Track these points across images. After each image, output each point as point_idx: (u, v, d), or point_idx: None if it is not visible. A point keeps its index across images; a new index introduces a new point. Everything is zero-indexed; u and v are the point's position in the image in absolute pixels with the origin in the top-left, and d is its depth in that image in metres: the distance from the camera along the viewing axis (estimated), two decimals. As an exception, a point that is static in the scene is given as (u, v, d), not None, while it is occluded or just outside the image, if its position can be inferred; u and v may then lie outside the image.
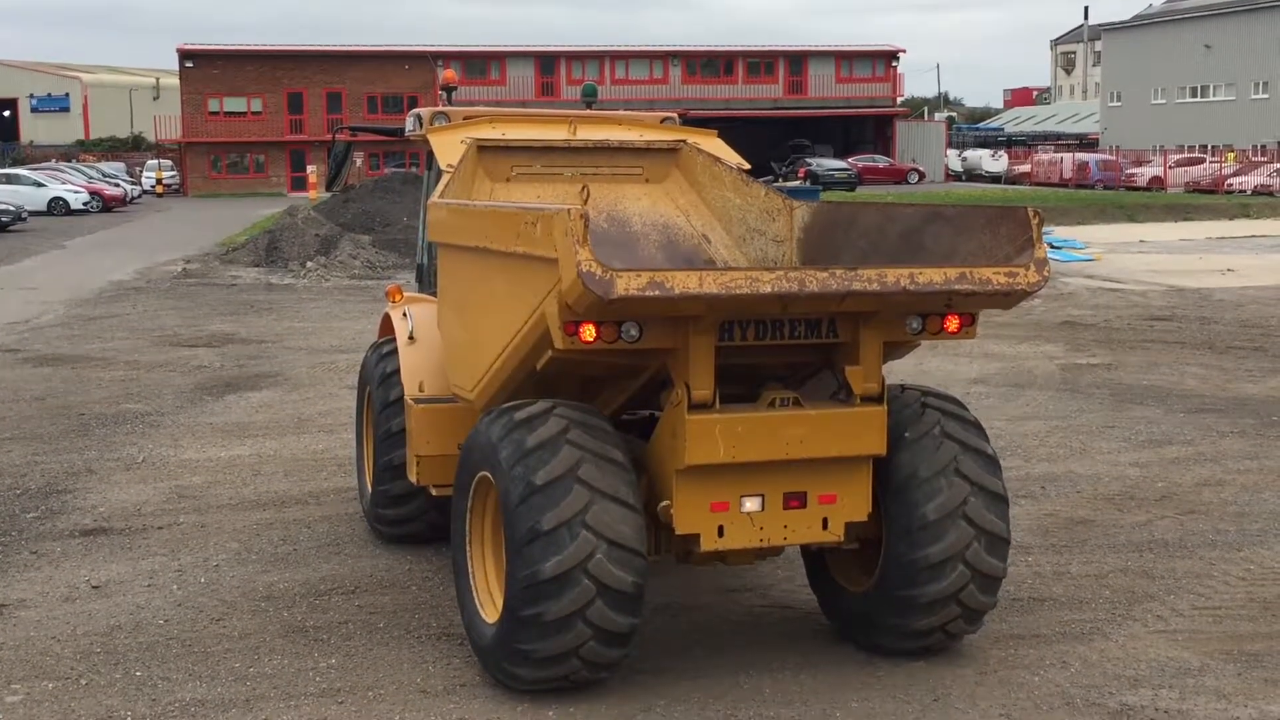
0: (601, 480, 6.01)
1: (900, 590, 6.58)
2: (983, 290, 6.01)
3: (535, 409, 6.24)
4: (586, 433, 6.14)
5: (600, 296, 5.50)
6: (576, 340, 5.83)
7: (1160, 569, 8.61)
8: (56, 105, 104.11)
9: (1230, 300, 23.28)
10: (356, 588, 8.28)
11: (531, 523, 5.95)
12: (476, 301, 7.01)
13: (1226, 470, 11.23)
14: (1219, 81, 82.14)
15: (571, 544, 5.90)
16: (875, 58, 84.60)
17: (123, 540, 9.35)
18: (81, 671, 6.95)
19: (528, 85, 77.71)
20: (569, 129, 8.76)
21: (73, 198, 55.14)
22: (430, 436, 7.81)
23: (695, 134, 8.94)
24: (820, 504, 6.42)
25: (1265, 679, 6.84)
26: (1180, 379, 15.64)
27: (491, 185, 8.26)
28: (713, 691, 6.56)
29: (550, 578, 5.91)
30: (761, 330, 6.17)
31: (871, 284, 5.80)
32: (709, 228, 8.36)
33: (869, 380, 6.35)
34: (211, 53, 76.20)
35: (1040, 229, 6.23)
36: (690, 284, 5.58)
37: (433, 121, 8.74)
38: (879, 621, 6.78)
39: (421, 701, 6.54)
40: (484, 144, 8.28)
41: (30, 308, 23.33)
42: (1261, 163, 68.51)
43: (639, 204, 8.40)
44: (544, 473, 5.98)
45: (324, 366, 16.87)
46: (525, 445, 6.07)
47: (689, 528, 6.29)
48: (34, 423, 13.35)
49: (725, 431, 6.11)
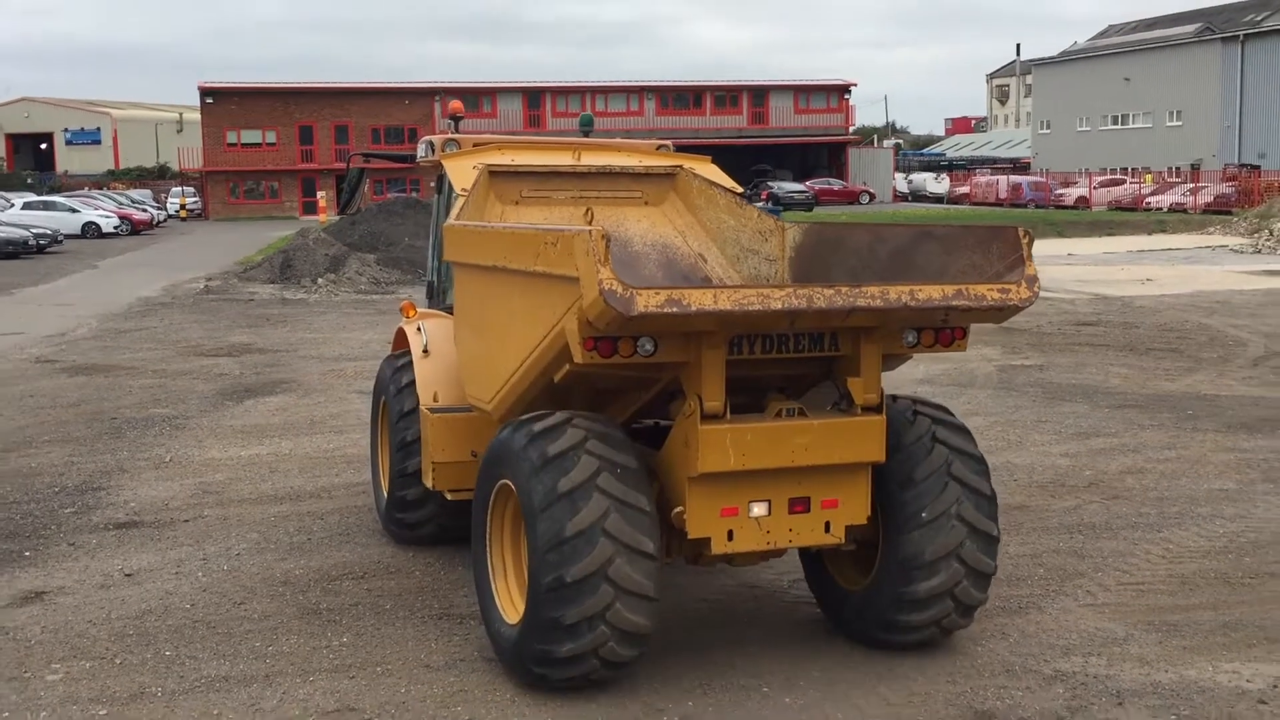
0: (619, 488, 5.82)
1: (897, 587, 6.40)
2: (978, 306, 5.84)
3: (555, 420, 6.04)
4: (604, 443, 5.94)
5: (621, 313, 5.30)
6: (595, 355, 5.64)
7: (1089, 549, 8.65)
8: (89, 138, 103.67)
9: (1149, 307, 23.41)
10: (365, 573, 8.26)
11: (554, 529, 5.75)
12: (494, 318, 6.77)
13: (1147, 459, 11.28)
14: (1137, 110, 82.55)
15: (592, 550, 5.70)
16: (829, 91, 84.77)
17: (152, 532, 9.31)
18: (116, 651, 6.92)
19: (516, 117, 77.64)
20: (574, 155, 8.59)
21: (104, 222, 54.91)
22: (445, 444, 7.63)
23: (691, 159, 8.77)
24: (823, 508, 6.22)
25: (1183, 646, 6.88)
26: (1105, 378, 15.72)
27: (502, 208, 8.07)
28: (691, 663, 6.57)
29: (572, 582, 5.72)
30: (768, 344, 5.98)
31: (875, 300, 5.65)
32: (705, 248, 8.16)
33: (869, 391, 6.17)
34: (230, 90, 75.93)
35: (1030, 248, 6.03)
36: (705, 301, 5.41)
37: (444, 148, 8.59)
38: (876, 617, 6.57)
39: (424, 675, 6.53)
40: (495, 169, 8.10)
41: (66, 322, 23.22)
42: (1176, 183, 68.94)
43: (639, 225, 8.20)
44: (565, 481, 5.78)
45: (334, 373, 16.84)
46: (547, 454, 5.87)
47: (701, 532, 6.08)
48: (70, 426, 13.29)
49: (735, 441, 5.92)
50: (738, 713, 6.03)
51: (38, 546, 8.96)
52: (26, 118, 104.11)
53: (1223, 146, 74.18)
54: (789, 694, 6.23)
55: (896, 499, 6.40)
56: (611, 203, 8.28)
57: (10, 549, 8.90)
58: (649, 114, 79.74)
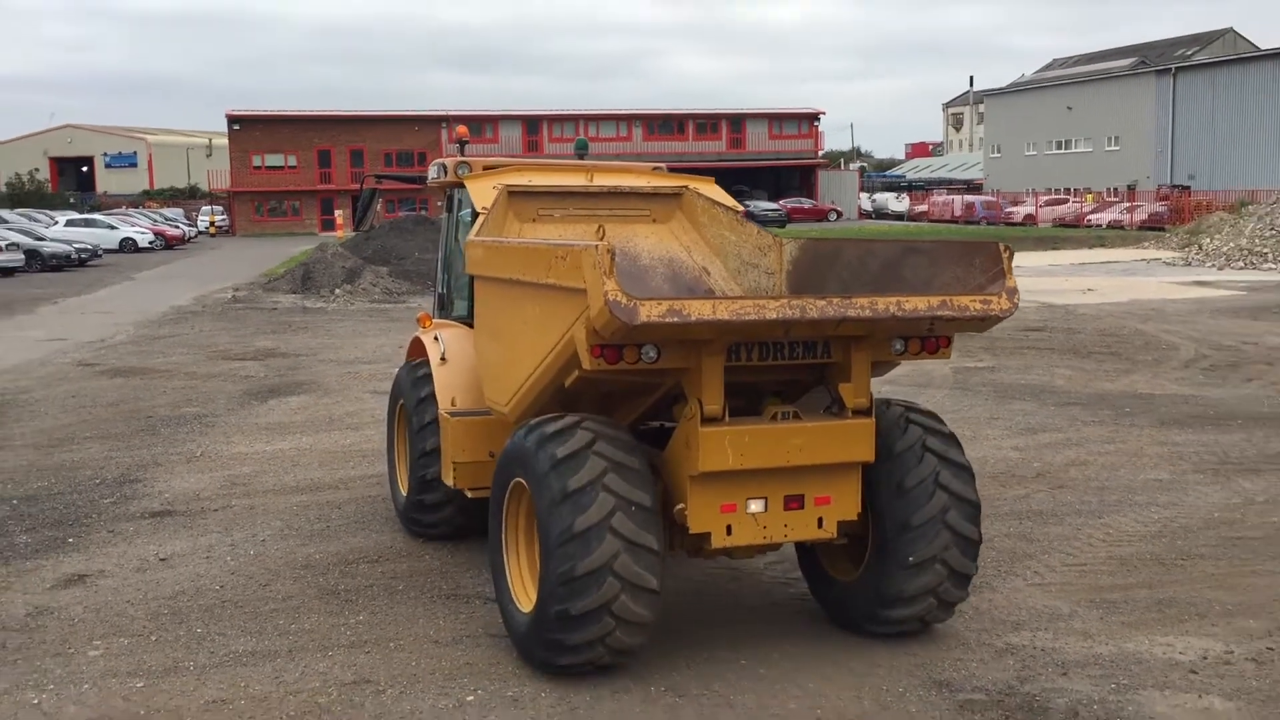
0: (625, 488, 5.72)
1: (884, 585, 6.31)
2: (961, 316, 5.75)
3: (565, 423, 5.93)
4: (611, 444, 5.84)
5: (625, 322, 5.23)
6: (602, 361, 5.55)
7: (1036, 533, 8.66)
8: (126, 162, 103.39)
9: (1090, 314, 23.45)
10: (380, 557, 8.24)
11: (563, 526, 5.66)
12: (511, 327, 6.67)
13: (1089, 452, 11.31)
14: (1079, 136, 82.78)
15: (599, 546, 5.62)
16: (800, 118, 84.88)
17: (185, 520, 9.28)
18: (151, 629, 6.90)
19: (517, 142, 77.59)
20: (587, 176, 8.48)
21: (140, 238, 54.72)
22: (466, 445, 7.51)
23: (696, 180, 8.62)
24: (816, 505, 6.12)
25: (1122, 622, 6.90)
26: (1051, 379, 15.75)
27: (520, 225, 7.93)
28: (675, 639, 6.56)
29: (580, 575, 5.63)
30: (765, 351, 5.89)
31: (864, 310, 5.56)
32: (708, 262, 8.01)
33: (859, 395, 6.07)
34: (255, 117, 75.80)
35: (1010, 261, 5.93)
36: (705, 311, 5.33)
37: (457, 170, 8.42)
38: (863, 609, 6.49)
39: (433, 650, 6.52)
40: (514, 189, 7.96)
41: (106, 329, 23.13)
42: (1114, 202, 69.18)
43: (647, 241, 8.06)
44: (574, 480, 5.69)
45: (350, 375, 16.79)
46: (557, 456, 5.77)
47: (701, 527, 5.98)
48: (109, 424, 13.24)
49: (734, 442, 5.83)
50: (717, 683, 6.03)
51: (80, 534, 8.92)
52: (69, 143, 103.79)
53: (1156, 169, 74.42)
54: (763, 666, 6.24)
55: (887, 504, 6.27)
56: (622, 220, 8.15)
57: (55, 536, 8.86)
58: (637, 139, 79.75)
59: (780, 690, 5.94)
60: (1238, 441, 11.65)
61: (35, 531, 8.98)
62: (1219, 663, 6.28)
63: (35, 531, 8.98)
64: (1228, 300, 25.91)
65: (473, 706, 5.80)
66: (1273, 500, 9.52)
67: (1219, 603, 7.18)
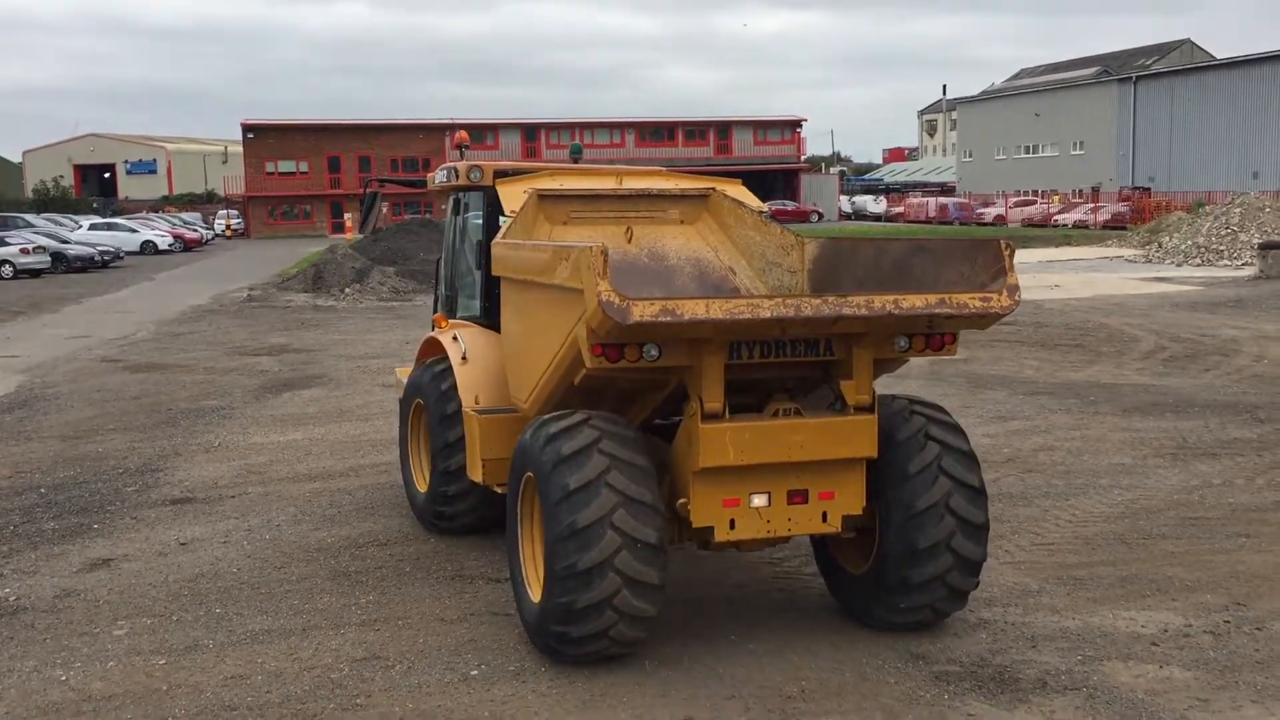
0: (627, 485, 5.57)
1: (893, 574, 6.09)
2: (960, 313, 5.55)
3: (571, 420, 5.80)
4: (615, 442, 5.69)
5: (619, 322, 5.15)
6: (604, 360, 5.45)
7: (1007, 515, 8.67)
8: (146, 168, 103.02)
9: (1057, 309, 23.48)
10: (389, 541, 8.24)
11: (567, 521, 5.53)
12: (528, 326, 6.58)
13: (1056, 438, 11.33)
14: (1047, 141, 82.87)
15: (600, 542, 5.49)
16: (783, 125, 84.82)
17: (204, 507, 9.27)
18: (173, 610, 6.90)
19: (516, 149, 77.43)
20: (617, 180, 8.25)
21: (160, 241, 54.52)
22: (494, 442, 7.29)
23: (723, 182, 8.40)
24: (820, 500, 5.96)
25: (1088, 597, 6.91)
26: (1020, 369, 15.77)
27: (550, 228, 7.70)
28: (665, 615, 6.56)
29: (583, 570, 5.51)
30: (767, 349, 5.72)
31: (860, 309, 5.41)
32: (735, 261, 7.79)
33: (861, 392, 5.90)
34: (268, 125, 75.57)
35: (1012, 259, 5.76)
36: (698, 310, 5.20)
37: (469, 175, 8.20)
38: (876, 601, 6.26)
39: (440, 627, 6.52)
40: (544, 193, 7.74)
41: (127, 327, 23.07)
42: (1079, 203, 69.25)
43: (675, 242, 7.85)
44: (577, 477, 5.56)
45: (360, 369, 16.76)
46: (561, 453, 5.65)
47: (704, 521, 5.85)
48: (132, 416, 13.21)
49: (734, 438, 5.69)
50: (708, 657, 6.03)
51: (105, 520, 8.91)
52: (92, 151, 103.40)
53: (1118, 172, 74.52)
54: (752, 641, 6.25)
55: (891, 492, 6.08)
56: (650, 222, 7.93)
57: (81, 522, 8.85)
58: (629, 145, 79.64)
59: (767, 664, 5.95)
60: (1195, 428, 11.68)
61: (62, 518, 8.96)
62: (1179, 635, 6.30)
63: (62, 518, 8.96)
64: (1186, 295, 25.94)
65: (477, 680, 5.80)
66: (1229, 482, 9.55)
67: (1178, 579, 7.20)
